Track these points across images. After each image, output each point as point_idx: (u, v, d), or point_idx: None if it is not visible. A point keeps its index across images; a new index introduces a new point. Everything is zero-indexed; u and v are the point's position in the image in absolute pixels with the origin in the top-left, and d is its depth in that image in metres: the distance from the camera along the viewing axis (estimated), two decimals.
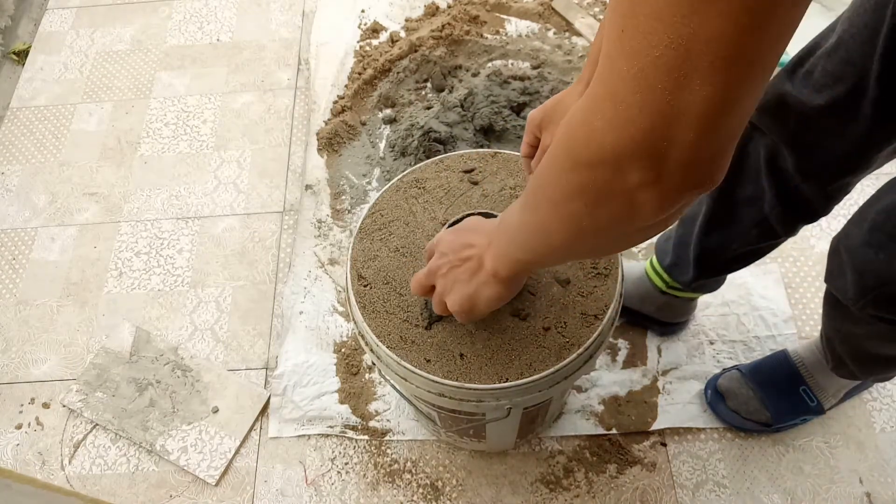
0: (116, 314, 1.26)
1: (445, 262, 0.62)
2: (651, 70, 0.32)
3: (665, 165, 0.35)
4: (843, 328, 0.81)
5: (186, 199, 1.39)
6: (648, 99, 0.33)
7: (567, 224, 0.44)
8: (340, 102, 1.47)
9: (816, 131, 0.70)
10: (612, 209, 0.39)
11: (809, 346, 1.02)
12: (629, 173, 0.36)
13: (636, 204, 0.38)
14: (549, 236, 0.47)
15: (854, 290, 0.69)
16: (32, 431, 1.15)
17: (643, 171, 0.36)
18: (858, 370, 0.87)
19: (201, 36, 1.64)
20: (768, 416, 1.02)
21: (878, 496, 1.00)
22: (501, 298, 0.60)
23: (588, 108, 0.37)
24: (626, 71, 0.33)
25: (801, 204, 0.78)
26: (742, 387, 1.03)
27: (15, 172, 1.46)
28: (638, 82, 0.33)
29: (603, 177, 0.37)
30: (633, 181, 0.36)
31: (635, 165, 0.35)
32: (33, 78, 1.60)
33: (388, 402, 1.12)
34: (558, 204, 0.43)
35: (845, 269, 0.70)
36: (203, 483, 1.08)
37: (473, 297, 0.60)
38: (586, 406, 1.09)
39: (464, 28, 1.54)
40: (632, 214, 0.39)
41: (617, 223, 0.41)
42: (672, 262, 1.00)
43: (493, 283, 0.59)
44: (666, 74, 0.32)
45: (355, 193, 1.36)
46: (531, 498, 1.03)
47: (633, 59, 0.33)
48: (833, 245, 0.74)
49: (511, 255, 0.55)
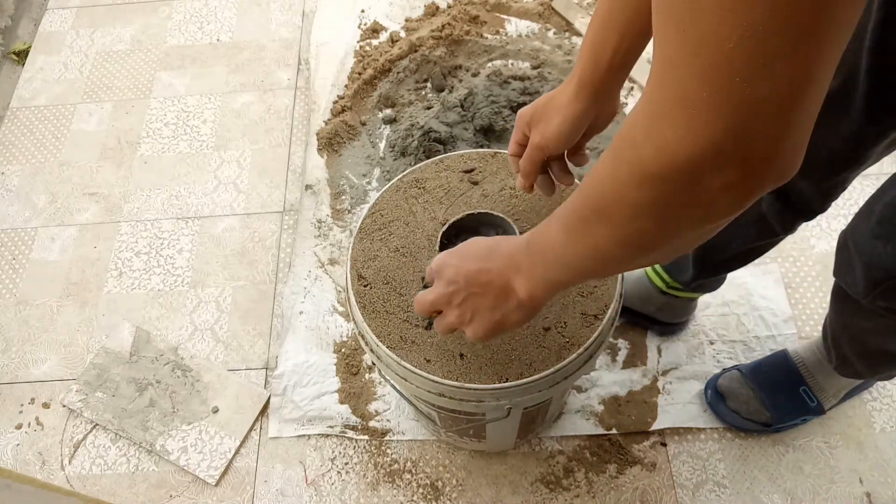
0: (116, 314, 1.26)
1: (459, 291, 0.58)
2: (725, 63, 0.30)
3: (747, 164, 0.33)
4: (852, 324, 0.81)
5: (186, 199, 1.39)
6: (726, 95, 0.31)
7: (629, 243, 0.42)
8: (340, 102, 1.47)
9: None
10: (686, 217, 0.38)
11: (810, 347, 1.02)
12: (710, 179, 0.34)
13: (714, 207, 0.36)
14: (604, 257, 0.45)
15: (863, 284, 0.70)
16: (32, 431, 1.15)
17: (726, 173, 0.34)
18: (864, 368, 0.87)
19: (201, 36, 1.64)
20: (768, 416, 1.02)
21: (878, 496, 1.00)
22: (529, 320, 0.58)
23: (652, 117, 0.35)
24: (695, 70, 0.31)
25: (798, 201, 0.78)
26: (742, 387, 1.03)
27: (15, 172, 1.46)
28: (711, 80, 0.31)
29: (680, 188, 0.35)
30: (715, 186, 0.34)
31: (717, 170, 0.34)
32: (33, 78, 1.60)
33: (388, 402, 1.12)
34: (621, 224, 0.41)
35: (854, 263, 0.70)
36: (203, 483, 1.08)
37: (501, 324, 0.57)
38: (586, 406, 1.09)
39: (464, 28, 1.54)
40: (706, 218, 0.37)
41: (687, 230, 0.39)
42: (671, 263, 1.00)
43: (526, 308, 0.56)
44: (744, 64, 0.30)
45: (355, 193, 1.36)
46: (531, 498, 1.03)
47: (701, 56, 0.31)
48: (840, 240, 0.74)
49: (550, 279, 0.52)
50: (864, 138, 0.68)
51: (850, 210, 1.25)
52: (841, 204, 1.26)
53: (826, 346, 0.94)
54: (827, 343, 0.92)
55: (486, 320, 0.57)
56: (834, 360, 0.92)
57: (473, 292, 0.57)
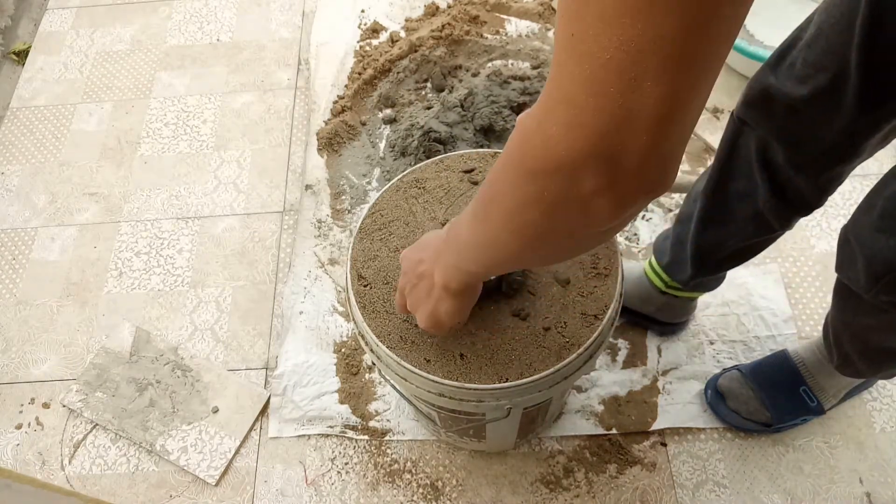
0: (116, 314, 1.26)
1: (408, 282, 0.61)
2: (602, 73, 0.32)
3: (619, 170, 0.35)
4: (854, 321, 0.81)
5: (186, 199, 1.39)
6: (601, 103, 0.33)
7: (521, 234, 0.43)
8: (340, 102, 1.47)
9: (803, 122, 0.70)
10: (567, 216, 0.39)
11: (810, 347, 1.02)
12: (584, 180, 0.36)
13: (591, 210, 0.38)
14: (501, 246, 0.47)
15: (865, 278, 0.70)
16: (32, 431, 1.15)
17: (597, 176, 0.36)
18: (866, 367, 0.87)
19: (201, 36, 1.64)
20: (768, 416, 1.02)
21: (878, 496, 1.01)
22: (460, 310, 0.60)
23: (542, 114, 0.37)
24: (578, 75, 0.33)
25: (794, 196, 0.79)
26: (742, 387, 1.03)
27: (15, 172, 1.46)
28: (590, 86, 0.33)
29: (558, 184, 0.37)
30: (588, 187, 0.36)
31: (590, 171, 0.35)
32: (33, 78, 1.60)
33: (388, 402, 1.12)
34: (512, 214, 0.43)
35: (855, 258, 0.70)
36: (203, 483, 1.08)
37: (435, 314, 0.59)
38: (586, 406, 1.09)
39: (464, 28, 1.54)
40: (587, 221, 0.39)
41: (572, 230, 0.41)
42: (670, 262, 1.00)
43: (447, 297, 0.58)
44: (617, 77, 0.32)
45: (355, 193, 1.36)
46: (531, 498, 1.03)
47: (584, 62, 0.32)
48: (842, 235, 0.74)
49: (460, 267, 0.54)
50: (857, 132, 0.68)
51: (850, 210, 1.25)
52: (841, 203, 1.26)
53: (827, 346, 0.93)
54: (828, 342, 0.92)
55: (425, 310, 0.60)
56: (835, 359, 0.92)
57: (413, 283, 0.61)
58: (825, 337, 0.94)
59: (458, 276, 0.55)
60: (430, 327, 0.61)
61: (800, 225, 1.23)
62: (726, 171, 0.83)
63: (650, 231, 1.26)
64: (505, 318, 0.70)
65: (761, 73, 0.73)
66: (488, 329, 0.69)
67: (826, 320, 0.92)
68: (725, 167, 0.83)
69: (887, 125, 0.67)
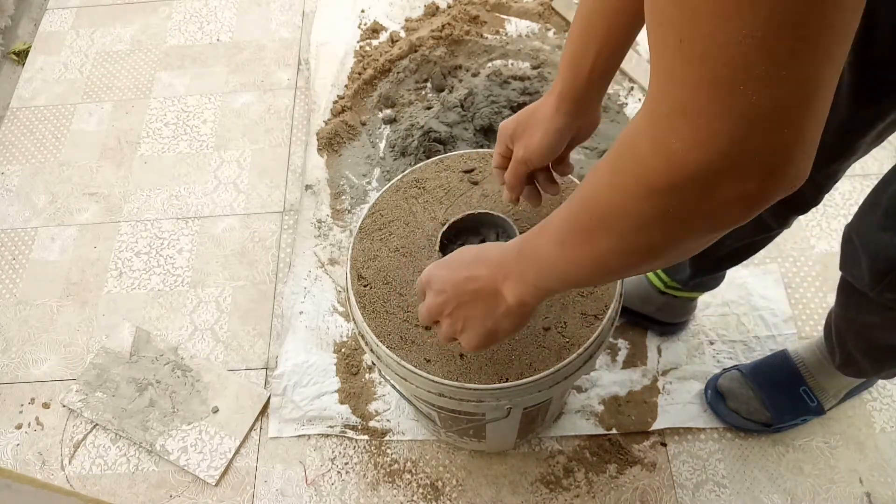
0: (116, 314, 1.26)
1: (449, 301, 0.57)
2: (726, 72, 0.30)
3: (760, 171, 0.33)
4: (858, 319, 0.81)
5: (186, 199, 1.39)
6: (729, 104, 0.31)
7: (633, 252, 0.41)
8: (340, 102, 1.47)
9: None
10: (693, 227, 0.37)
11: (810, 347, 1.02)
12: (721, 189, 0.34)
13: (724, 216, 0.36)
14: (603, 267, 0.44)
15: (870, 276, 0.70)
16: (32, 431, 1.15)
17: (736, 184, 0.33)
18: (869, 366, 0.87)
19: (201, 36, 1.64)
20: (768, 416, 1.02)
21: (878, 496, 1.00)
22: (521, 327, 0.58)
23: (657, 129, 0.34)
24: (697, 80, 0.31)
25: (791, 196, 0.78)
26: (742, 387, 1.03)
27: (15, 172, 1.46)
28: (714, 89, 0.31)
29: (691, 199, 0.35)
30: (726, 196, 0.34)
31: (728, 180, 0.33)
32: (33, 78, 1.60)
33: (388, 402, 1.12)
34: (625, 236, 0.40)
35: (859, 256, 0.71)
36: (203, 483, 1.08)
37: (493, 332, 0.57)
38: (586, 406, 1.09)
39: (464, 28, 1.54)
40: (714, 227, 0.37)
41: (694, 239, 0.39)
42: None
43: (517, 315, 0.55)
44: (745, 73, 0.29)
45: (355, 193, 1.36)
46: (531, 498, 1.03)
47: (702, 65, 0.30)
48: (845, 234, 0.74)
49: (542, 286, 0.52)
50: (852, 129, 0.68)
51: (850, 210, 1.25)
52: (841, 203, 1.26)
53: (830, 345, 0.93)
54: (830, 341, 0.92)
55: (479, 329, 0.57)
56: (838, 359, 0.92)
57: (463, 301, 0.57)
58: (827, 337, 0.94)
59: (537, 293, 0.53)
60: (480, 346, 0.58)
61: (800, 225, 1.24)
62: None
63: None
64: None
65: None
66: None
67: (828, 320, 0.92)
68: None
69: (881, 123, 0.67)
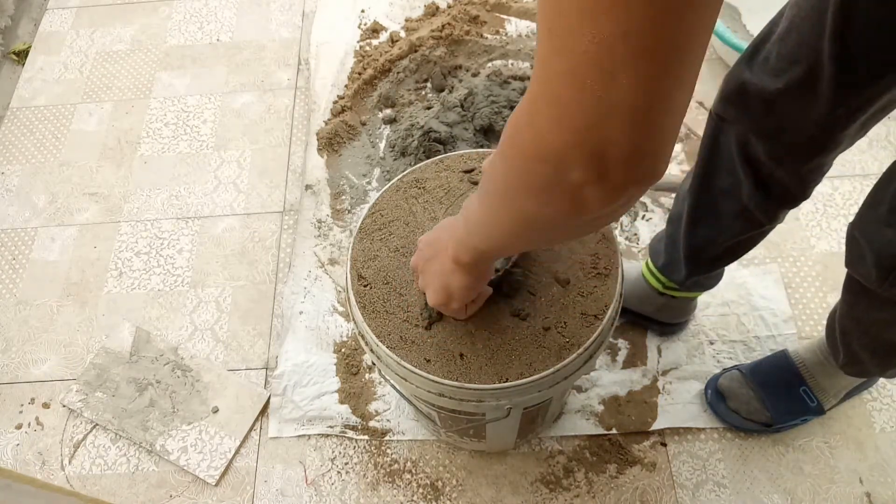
0: (116, 314, 1.26)
1: (423, 256, 0.65)
2: (580, 67, 0.33)
3: (606, 163, 0.36)
4: (866, 317, 0.81)
5: (186, 199, 1.39)
6: (582, 97, 0.33)
7: (517, 217, 0.45)
8: (340, 102, 1.47)
9: (780, 115, 0.71)
10: (558, 204, 0.40)
11: (811, 347, 1.02)
12: (572, 171, 0.37)
13: (581, 199, 0.39)
14: (501, 227, 0.49)
15: (876, 272, 0.70)
16: (32, 431, 1.15)
17: (586, 169, 0.36)
18: (875, 365, 0.87)
19: (201, 36, 1.64)
20: (769, 416, 1.02)
21: (878, 496, 1.01)
22: (471, 287, 0.62)
23: (531, 107, 0.38)
24: (559, 70, 0.34)
25: (778, 189, 0.79)
26: (742, 387, 1.03)
27: (15, 172, 1.46)
28: (571, 80, 0.33)
29: (549, 174, 0.38)
30: (577, 179, 0.37)
31: (578, 164, 0.36)
32: (33, 78, 1.60)
33: (388, 402, 1.12)
34: (508, 198, 0.44)
35: (864, 253, 0.70)
36: (203, 483, 1.08)
37: (447, 288, 0.62)
38: (586, 406, 1.09)
39: (464, 28, 1.54)
40: (578, 209, 0.40)
41: (563, 217, 0.42)
42: (665, 262, 1.01)
43: (458, 272, 0.60)
44: (594, 70, 0.32)
45: (355, 193, 1.36)
46: (531, 498, 1.03)
47: (563, 57, 0.33)
48: (849, 232, 0.74)
49: (469, 243, 0.56)
50: (835, 122, 0.68)
51: (851, 210, 1.25)
52: (840, 203, 1.26)
53: (832, 345, 0.93)
54: (833, 341, 0.92)
55: (436, 284, 0.63)
56: (842, 358, 0.92)
57: (429, 258, 0.64)
58: (829, 336, 0.93)
59: (467, 251, 0.57)
60: (440, 303, 0.64)
61: (800, 225, 1.24)
62: (710, 169, 0.84)
63: (650, 231, 1.26)
64: (505, 318, 0.70)
65: (736, 68, 0.74)
66: (488, 329, 0.69)
67: (831, 319, 0.91)
68: (709, 165, 0.83)
69: (863, 114, 0.67)
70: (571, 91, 0.34)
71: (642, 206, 1.29)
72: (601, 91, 0.33)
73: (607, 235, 0.75)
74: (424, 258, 0.65)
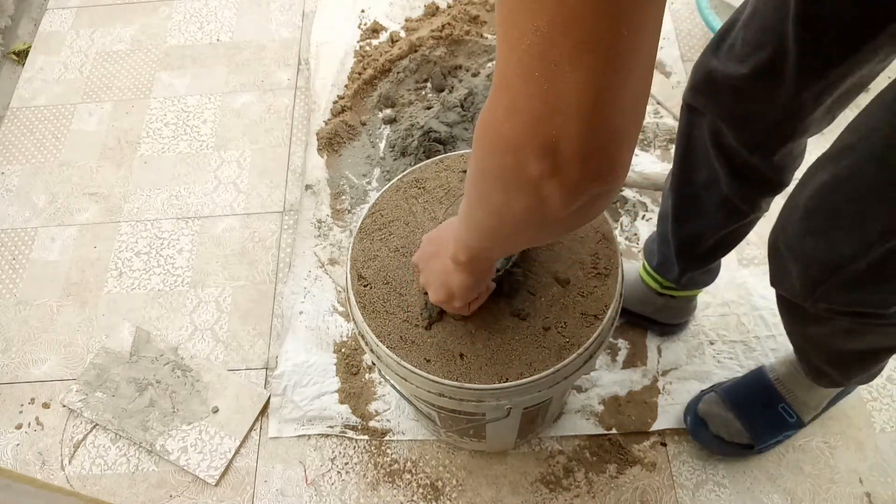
0: (116, 314, 1.26)
1: (424, 253, 0.66)
2: (527, 58, 0.33)
3: (559, 156, 0.36)
4: (808, 332, 0.79)
5: (186, 199, 1.39)
6: (532, 88, 0.33)
7: (490, 210, 0.45)
8: (340, 102, 1.47)
9: (747, 101, 0.70)
10: (523, 199, 0.40)
11: (785, 361, 1.00)
12: (529, 163, 0.37)
13: (543, 195, 0.38)
14: (480, 222, 0.49)
15: (801, 287, 0.66)
16: (32, 431, 1.15)
17: (540, 161, 0.36)
18: (839, 374, 0.85)
19: (201, 36, 1.64)
20: (749, 437, 0.99)
21: (878, 496, 1.00)
22: (471, 286, 0.62)
23: (492, 97, 0.38)
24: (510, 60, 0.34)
25: (754, 177, 0.78)
26: (721, 409, 1.01)
27: (15, 172, 1.46)
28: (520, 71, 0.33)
29: (508, 165, 0.38)
30: (535, 171, 0.37)
31: (533, 155, 0.36)
32: (33, 78, 1.60)
33: (388, 402, 1.12)
34: (479, 191, 0.45)
35: (789, 267, 0.68)
36: (203, 483, 1.08)
37: (447, 286, 0.62)
38: (586, 406, 1.09)
39: (464, 28, 1.54)
40: (541, 205, 0.39)
41: (531, 214, 0.41)
42: (659, 261, 1.01)
43: (458, 271, 0.60)
44: (539, 61, 0.32)
45: (355, 193, 1.36)
46: (531, 498, 1.03)
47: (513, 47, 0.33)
48: (771, 243, 0.70)
49: (464, 241, 0.56)
50: (800, 106, 0.68)
51: None
52: None
53: (798, 359, 0.92)
54: (798, 356, 0.91)
55: (437, 282, 0.63)
56: (809, 373, 0.91)
57: (430, 257, 0.65)
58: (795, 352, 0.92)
59: (463, 249, 0.57)
60: (442, 301, 0.64)
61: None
62: (688, 163, 0.83)
63: (650, 231, 1.26)
64: (505, 318, 0.70)
65: (704, 57, 0.74)
66: (488, 329, 0.69)
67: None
68: (686, 159, 0.83)
69: (829, 98, 0.67)
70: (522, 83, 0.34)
71: (642, 206, 1.29)
72: (548, 84, 0.33)
73: (607, 235, 0.75)
74: (426, 256, 0.65)
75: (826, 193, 0.61)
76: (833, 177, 0.60)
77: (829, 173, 0.60)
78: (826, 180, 0.61)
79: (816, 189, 0.62)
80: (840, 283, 0.63)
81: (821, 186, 0.61)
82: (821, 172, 0.62)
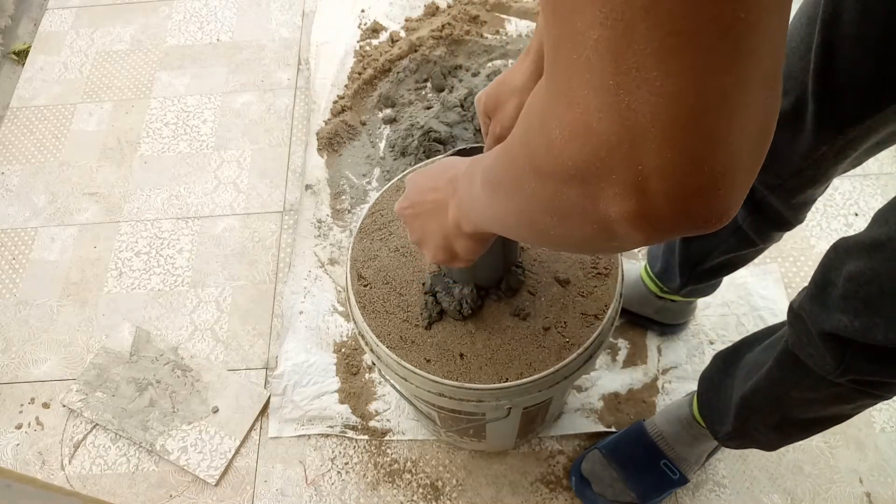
0: (116, 314, 1.26)
1: (414, 205, 0.56)
2: (595, 59, 0.24)
3: (646, 193, 0.26)
4: (792, 394, 0.72)
5: (186, 199, 1.39)
6: (604, 100, 0.24)
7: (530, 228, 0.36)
8: (340, 102, 1.47)
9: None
10: (585, 231, 0.31)
11: (668, 417, 0.97)
12: (601, 197, 0.27)
13: (614, 231, 0.29)
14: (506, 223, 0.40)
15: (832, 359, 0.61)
16: (32, 431, 1.15)
17: (620, 200, 0.27)
18: (773, 438, 0.80)
19: (201, 36, 1.64)
20: (633, 496, 0.97)
21: (878, 496, 1.00)
22: (475, 250, 0.54)
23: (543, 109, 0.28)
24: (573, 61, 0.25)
25: (770, 214, 0.78)
26: (605, 468, 0.99)
27: (15, 172, 1.46)
28: (587, 77, 0.24)
29: (571, 197, 0.29)
30: (611, 211, 0.28)
31: (608, 189, 0.27)
32: (33, 78, 1.60)
33: (388, 402, 1.12)
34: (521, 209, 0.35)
35: (812, 338, 0.63)
36: (203, 483, 1.08)
37: (449, 249, 0.54)
38: (586, 405, 1.09)
39: (464, 28, 1.54)
40: (608, 239, 0.30)
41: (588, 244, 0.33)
42: (662, 269, 1.00)
43: (463, 237, 0.52)
44: (613, 64, 0.23)
45: (355, 193, 1.36)
46: (531, 498, 1.03)
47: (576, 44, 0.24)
48: (791, 314, 0.66)
49: (473, 219, 0.48)
50: (823, 157, 0.66)
51: (850, 210, 1.25)
52: (841, 203, 1.26)
53: (712, 417, 0.86)
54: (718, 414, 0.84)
55: (437, 242, 0.55)
56: (722, 432, 0.84)
57: (423, 210, 0.55)
58: (709, 408, 0.87)
59: (469, 224, 0.49)
60: (441, 261, 0.56)
61: (800, 225, 1.24)
62: None
63: None
64: (505, 318, 0.70)
65: None
66: (488, 329, 0.69)
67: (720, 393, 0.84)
68: None
69: (852, 152, 0.65)
70: (589, 92, 0.24)
71: None
72: (627, 96, 0.23)
73: None
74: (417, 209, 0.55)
75: (862, 284, 0.57)
76: (871, 270, 0.56)
77: (866, 265, 0.57)
78: (863, 271, 0.57)
79: (853, 273, 0.58)
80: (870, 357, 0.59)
81: (857, 275, 0.57)
82: (854, 260, 0.58)
